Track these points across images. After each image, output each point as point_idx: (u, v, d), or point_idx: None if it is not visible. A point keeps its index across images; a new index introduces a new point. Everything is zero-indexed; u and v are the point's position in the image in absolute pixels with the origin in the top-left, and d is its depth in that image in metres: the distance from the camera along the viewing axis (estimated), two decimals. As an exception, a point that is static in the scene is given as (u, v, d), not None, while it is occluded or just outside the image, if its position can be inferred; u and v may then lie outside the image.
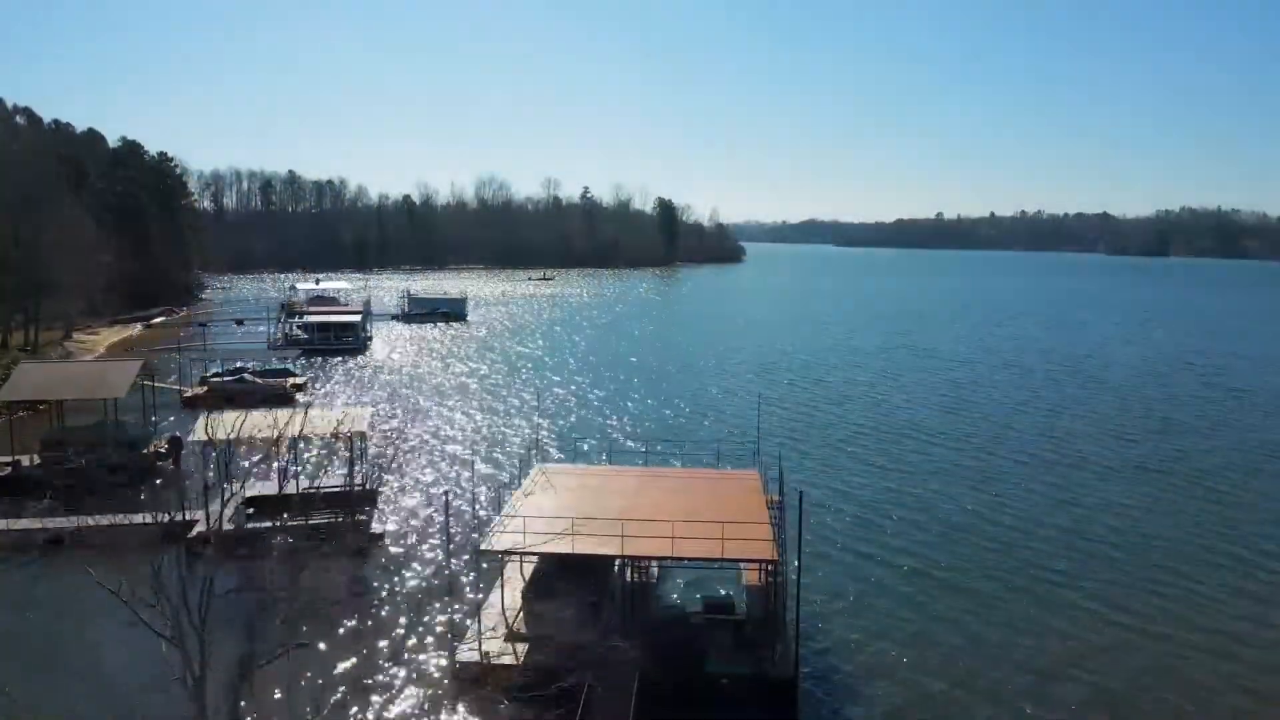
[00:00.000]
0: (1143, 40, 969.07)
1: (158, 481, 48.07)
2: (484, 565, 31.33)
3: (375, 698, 27.44)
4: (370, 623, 31.42)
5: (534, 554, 28.99)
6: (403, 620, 32.13)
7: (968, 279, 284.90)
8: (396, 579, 36.27)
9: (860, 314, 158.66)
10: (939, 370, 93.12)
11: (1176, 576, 37.14)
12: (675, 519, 27.92)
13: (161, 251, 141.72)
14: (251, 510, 38.62)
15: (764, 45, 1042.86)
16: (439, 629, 31.50)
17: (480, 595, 30.96)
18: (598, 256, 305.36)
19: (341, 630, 29.79)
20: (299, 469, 43.38)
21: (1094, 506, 46.75)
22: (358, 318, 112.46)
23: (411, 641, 31.24)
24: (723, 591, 32.27)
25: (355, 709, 26.52)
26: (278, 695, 22.98)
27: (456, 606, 32.02)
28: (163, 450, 51.83)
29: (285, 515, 35.92)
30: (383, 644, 30.60)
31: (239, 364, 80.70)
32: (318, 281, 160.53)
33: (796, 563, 29.60)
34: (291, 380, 76.66)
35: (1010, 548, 40.36)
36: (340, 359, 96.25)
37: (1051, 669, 29.26)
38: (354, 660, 28.84)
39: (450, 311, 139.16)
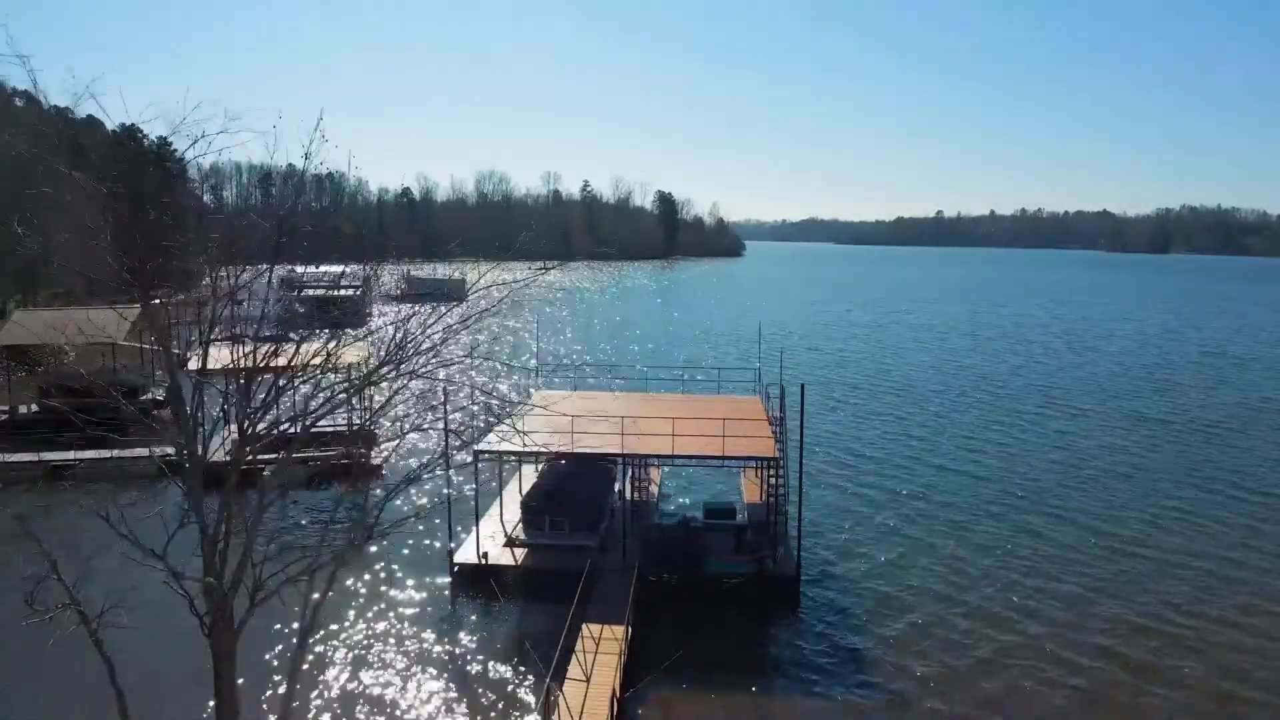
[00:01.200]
0: (1143, 39, 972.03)
1: (155, 426, 47.98)
2: (483, 477, 31.19)
3: (375, 604, 27.35)
4: (368, 541, 31.29)
5: (533, 454, 28.95)
6: (401, 535, 31.96)
7: (967, 270, 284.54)
8: (395, 501, 36.15)
9: (858, 297, 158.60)
10: (936, 340, 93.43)
11: (1177, 510, 37.12)
12: (677, 419, 27.94)
13: (160, 235, 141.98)
14: (249, 446, 38.54)
15: (765, 44, 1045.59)
16: (438, 538, 31.43)
17: (480, 506, 30.80)
18: (597, 250, 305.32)
19: (340, 548, 29.62)
20: (296, 404, 43.27)
21: (1093, 450, 46.74)
22: (356, 293, 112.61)
23: (410, 552, 31.22)
24: (724, 500, 32.23)
25: (354, 616, 26.52)
26: (280, 606, 22.87)
27: (456, 517, 31.88)
28: (160, 399, 51.79)
29: (283, 451, 35.88)
30: (381, 559, 30.48)
31: (236, 331, 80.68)
32: (318, 265, 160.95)
33: (797, 473, 29.47)
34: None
35: (1007, 483, 40.43)
36: (338, 330, 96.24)
37: (1048, 588, 29.12)
38: (352, 573, 28.68)
39: (450, 292, 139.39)
